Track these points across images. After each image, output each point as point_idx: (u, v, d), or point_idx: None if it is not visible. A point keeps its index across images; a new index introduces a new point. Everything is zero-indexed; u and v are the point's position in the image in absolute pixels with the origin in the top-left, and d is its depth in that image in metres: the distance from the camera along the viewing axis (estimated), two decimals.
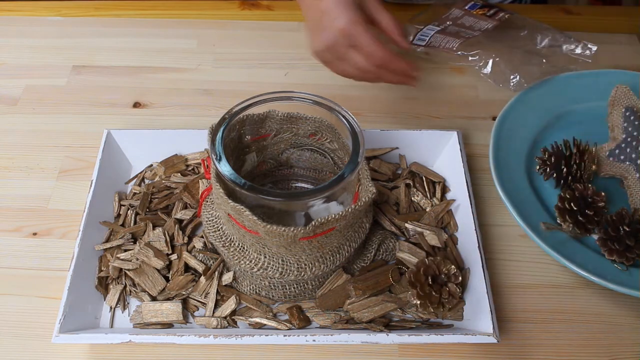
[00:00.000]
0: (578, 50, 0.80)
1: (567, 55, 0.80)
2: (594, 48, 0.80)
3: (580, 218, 0.60)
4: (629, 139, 0.67)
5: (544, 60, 0.79)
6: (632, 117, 0.68)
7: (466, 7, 0.87)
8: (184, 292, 0.58)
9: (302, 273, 0.54)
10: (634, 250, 0.58)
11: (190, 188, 0.65)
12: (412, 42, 0.83)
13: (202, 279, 0.58)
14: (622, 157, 0.66)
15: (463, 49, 0.79)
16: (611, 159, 0.67)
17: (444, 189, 0.67)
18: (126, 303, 0.59)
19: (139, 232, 0.62)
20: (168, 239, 0.61)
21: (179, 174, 0.67)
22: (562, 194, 0.62)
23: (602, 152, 0.68)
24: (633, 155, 0.65)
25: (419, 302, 0.55)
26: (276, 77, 0.82)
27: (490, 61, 0.73)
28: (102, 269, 0.60)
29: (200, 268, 0.59)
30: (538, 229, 0.60)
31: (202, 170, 0.68)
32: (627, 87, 0.71)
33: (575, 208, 0.61)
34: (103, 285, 0.59)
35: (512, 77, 0.73)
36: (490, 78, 0.73)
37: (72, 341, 0.52)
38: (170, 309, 0.56)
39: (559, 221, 0.62)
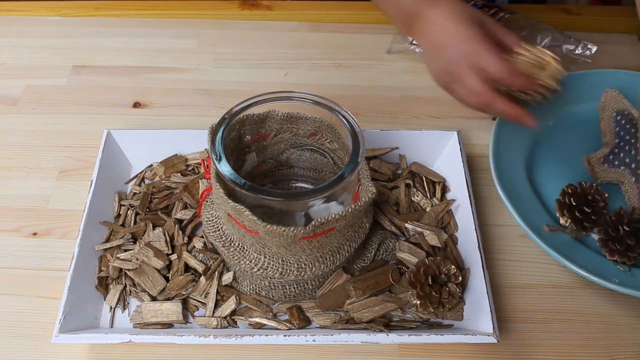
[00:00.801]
0: (578, 51, 0.80)
1: (567, 56, 0.80)
2: (594, 48, 0.80)
3: (577, 214, 0.60)
4: (621, 144, 0.67)
5: None
6: (623, 121, 0.68)
7: None
8: (184, 292, 0.58)
9: (302, 273, 0.54)
10: (635, 249, 0.58)
11: (190, 188, 0.65)
12: (412, 42, 0.83)
13: (202, 279, 0.58)
14: (616, 163, 0.66)
15: None
16: (606, 165, 0.67)
17: (444, 189, 0.67)
18: (126, 303, 0.59)
19: (139, 232, 0.62)
20: (168, 239, 0.61)
21: (179, 174, 0.67)
22: (565, 188, 0.62)
23: (596, 160, 0.68)
24: (627, 160, 0.65)
25: (419, 302, 0.55)
26: (276, 77, 0.82)
27: None
28: (102, 269, 0.60)
29: (200, 268, 0.59)
30: (538, 229, 0.60)
31: (202, 170, 0.68)
32: (616, 90, 0.70)
33: (574, 203, 0.61)
34: (103, 285, 0.59)
35: None
36: None
37: (72, 341, 0.52)
38: (170, 309, 0.56)
39: (557, 214, 0.62)
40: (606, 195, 0.62)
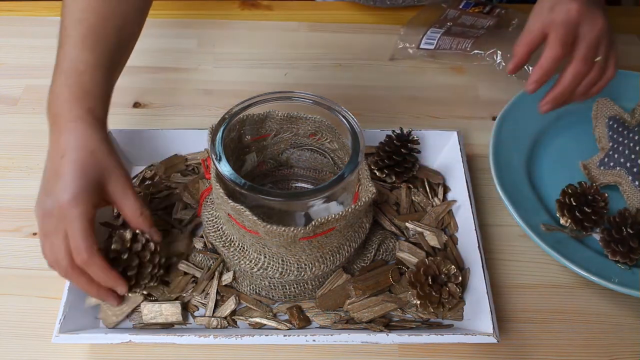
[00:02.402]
0: None
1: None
2: None
3: (578, 214, 0.60)
4: (615, 146, 0.67)
5: None
6: (615, 125, 0.69)
7: (460, 7, 0.87)
8: (184, 293, 0.58)
9: (302, 273, 0.54)
10: (637, 251, 0.58)
11: (190, 188, 0.65)
12: (419, 46, 0.83)
13: (202, 278, 0.58)
14: (611, 164, 0.67)
15: (477, 47, 0.79)
16: (602, 168, 0.67)
17: (445, 189, 0.67)
18: None
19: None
20: None
21: (179, 174, 0.67)
22: (565, 188, 0.62)
23: (592, 164, 0.68)
24: (622, 160, 0.66)
25: (419, 302, 0.55)
26: (276, 77, 0.82)
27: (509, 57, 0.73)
28: None
29: (198, 274, 0.59)
30: (538, 229, 0.60)
31: (202, 170, 0.68)
32: (607, 99, 0.71)
33: (575, 204, 0.61)
34: None
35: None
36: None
37: (72, 341, 0.52)
38: (170, 310, 0.56)
39: (557, 215, 0.62)
40: (606, 195, 0.62)
